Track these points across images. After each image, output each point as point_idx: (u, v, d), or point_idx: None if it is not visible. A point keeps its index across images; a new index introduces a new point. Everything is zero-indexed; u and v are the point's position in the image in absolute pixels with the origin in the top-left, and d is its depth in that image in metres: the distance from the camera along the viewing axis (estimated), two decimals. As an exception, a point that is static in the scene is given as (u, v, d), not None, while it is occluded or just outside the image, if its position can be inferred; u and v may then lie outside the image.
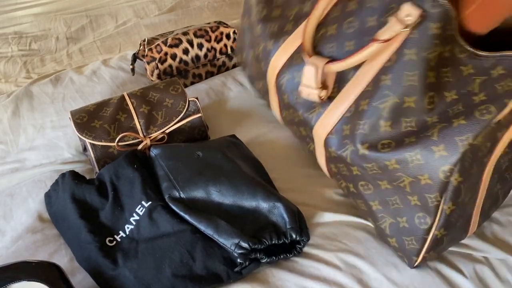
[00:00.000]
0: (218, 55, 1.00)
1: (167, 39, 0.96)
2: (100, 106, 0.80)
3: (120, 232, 0.68)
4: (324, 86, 0.70)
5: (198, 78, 1.00)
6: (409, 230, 0.62)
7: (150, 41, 0.98)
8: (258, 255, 0.64)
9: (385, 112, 0.61)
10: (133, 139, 0.79)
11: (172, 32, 1.02)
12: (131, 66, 1.00)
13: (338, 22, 0.70)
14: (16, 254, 0.69)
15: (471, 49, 0.59)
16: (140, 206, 0.69)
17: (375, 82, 0.63)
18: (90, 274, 0.65)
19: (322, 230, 0.71)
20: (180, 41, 0.96)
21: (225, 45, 0.99)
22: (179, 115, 0.81)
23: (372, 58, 0.64)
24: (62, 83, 1.01)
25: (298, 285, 0.64)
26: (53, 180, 0.76)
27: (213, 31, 0.99)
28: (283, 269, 0.65)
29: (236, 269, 0.63)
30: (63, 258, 0.68)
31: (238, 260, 0.63)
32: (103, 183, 0.73)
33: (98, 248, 0.65)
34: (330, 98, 0.70)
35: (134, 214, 0.68)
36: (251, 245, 0.62)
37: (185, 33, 0.97)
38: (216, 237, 0.65)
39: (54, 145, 0.86)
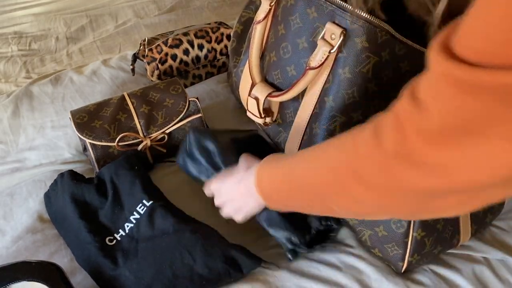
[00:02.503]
0: (218, 56, 0.99)
1: (167, 39, 0.96)
2: (100, 106, 0.80)
3: (120, 230, 0.68)
4: (268, 113, 0.74)
5: (198, 78, 1.00)
6: (388, 237, 0.63)
7: (150, 41, 0.98)
8: (302, 246, 0.65)
9: (336, 132, 0.62)
10: (133, 139, 0.79)
11: (173, 32, 1.02)
12: (131, 66, 1.00)
13: (275, 48, 0.72)
14: (16, 254, 0.69)
15: (410, 44, 0.58)
16: (141, 204, 0.69)
17: (321, 104, 0.64)
18: (90, 274, 0.65)
19: (322, 231, 0.71)
20: (181, 42, 0.96)
21: (226, 46, 0.99)
22: (179, 115, 0.81)
23: (313, 81, 0.64)
24: (62, 83, 1.01)
25: (298, 285, 0.64)
26: (53, 179, 0.76)
27: (213, 32, 0.98)
28: (283, 269, 0.65)
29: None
30: (63, 258, 0.68)
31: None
32: (102, 182, 0.73)
33: (98, 248, 0.65)
34: (290, 122, 0.71)
35: (135, 213, 0.69)
36: (301, 240, 0.64)
37: (185, 34, 0.97)
38: (265, 225, 0.65)
39: (54, 145, 0.86)
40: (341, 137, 0.45)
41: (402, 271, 0.64)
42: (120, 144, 0.77)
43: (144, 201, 0.69)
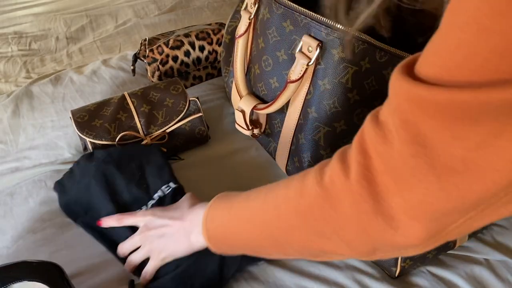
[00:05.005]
0: (219, 57, 0.99)
1: (168, 40, 0.96)
2: (101, 105, 0.80)
3: (143, 207, 0.69)
4: (256, 124, 0.75)
5: (199, 80, 1.00)
6: None
7: (151, 41, 0.98)
8: None
9: (321, 142, 0.62)
10: (133, 138, 0.79)
11: (173, 32, 1.02)
12: (132, 67, 1.00)
13: (258, 61, 0.72)
14: (16, 254, 0.69)
15: (393, 51, 0.57)
16: (167, 186, 0.70)
17: (304, 115, 0.65)
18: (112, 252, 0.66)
19: (322, 230, 0.71)
20: (182, 43, 0.96)
21: (226, 46, 0.99)
22: (179, 115, 0.81)
23: (295, 94, 0.65)
24: (62, 83, 1.01)
25: (298, 285, 0.64)
26: (53, 179, 0.76)
27: (215, 34, 0.98)
28: (283, 269, 0.65)
29: None
30: (63, 258, 0.68)
31: None
32: (126, 161, 0.73)
33: (125, 227, 0.66)
34: (278, 132, 0.72)
35: (159, 191, 0.70)
36: None
37: (187, 35, 0.97)
38: None
39: (54, 145, 0.86)
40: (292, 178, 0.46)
41: (396, 276, 0.64)
42: (120, 143, 0.77)
43: (171, 184, 0.70)
